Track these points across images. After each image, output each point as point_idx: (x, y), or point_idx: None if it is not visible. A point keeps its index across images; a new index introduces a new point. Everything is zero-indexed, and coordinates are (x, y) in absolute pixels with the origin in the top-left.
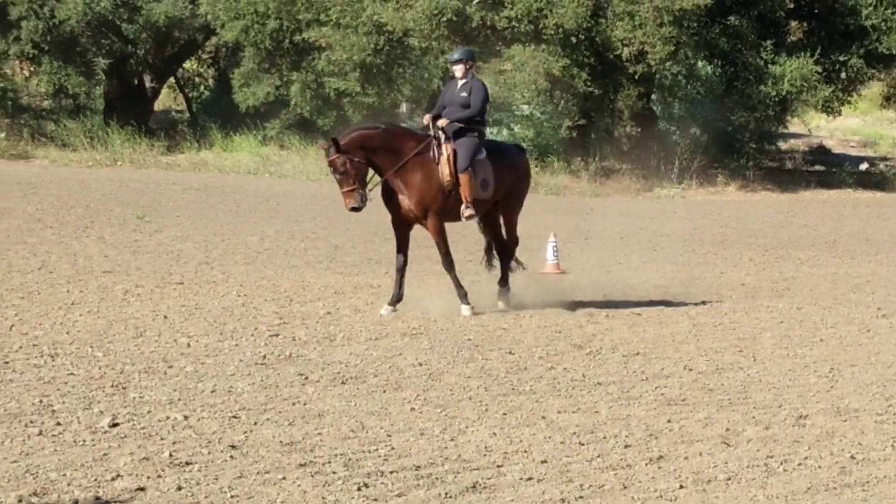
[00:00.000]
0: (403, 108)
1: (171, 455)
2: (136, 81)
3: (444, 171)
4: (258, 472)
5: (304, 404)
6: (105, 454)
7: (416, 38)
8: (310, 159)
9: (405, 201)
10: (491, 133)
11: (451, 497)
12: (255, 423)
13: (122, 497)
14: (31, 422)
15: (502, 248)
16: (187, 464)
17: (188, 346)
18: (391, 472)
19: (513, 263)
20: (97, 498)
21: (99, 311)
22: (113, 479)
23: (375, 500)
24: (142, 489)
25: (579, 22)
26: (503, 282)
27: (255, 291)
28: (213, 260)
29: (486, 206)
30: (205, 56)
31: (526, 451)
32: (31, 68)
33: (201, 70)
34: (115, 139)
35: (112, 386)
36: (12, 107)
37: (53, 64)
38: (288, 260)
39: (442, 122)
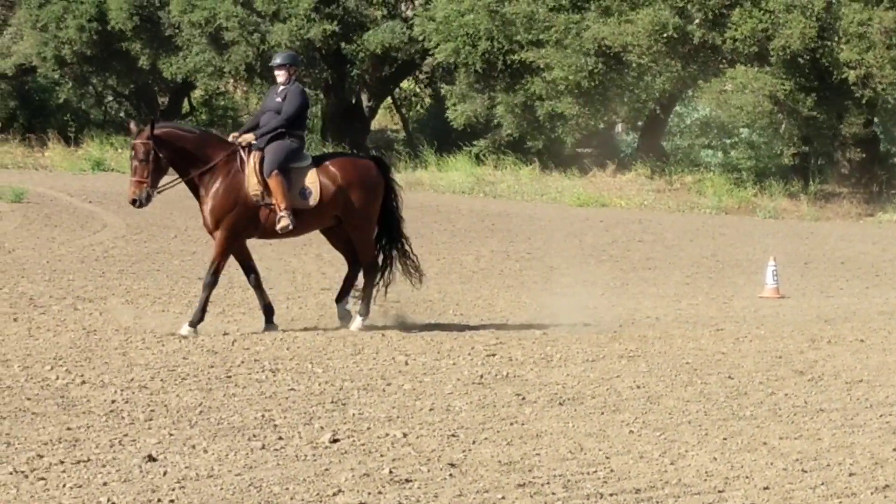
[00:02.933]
0: (619, 128)
1: (390, 472)
2: (353, 100)
3: (252, 180)
4: (477, 491)
5: (522, 424)
6: (326, 469)
7: (634, 55)
8: (524, 180)
9: (203, 211)
10: (706, 157)
11: None
12: (474, 442)
13: None
14: (254, 436)
15: (357, 266)
16: (407, 481)
17: (406, 363)
18: (611, 495)
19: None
20: None
21: (318, 328)
22: (334, 495)
23: None
24: None
25: (806, 43)
26: (365, 297)
27: (470, 311)
28: (428, 279)
29: (314, 219)
30: (421, 76)
31: (748, 477)
32: (245, 87)
33: (418, 90)
34: None
35: (332, 402)
36: (232, 124)
37: (265, 85)
38: (503, 280)
39: (244, 139)
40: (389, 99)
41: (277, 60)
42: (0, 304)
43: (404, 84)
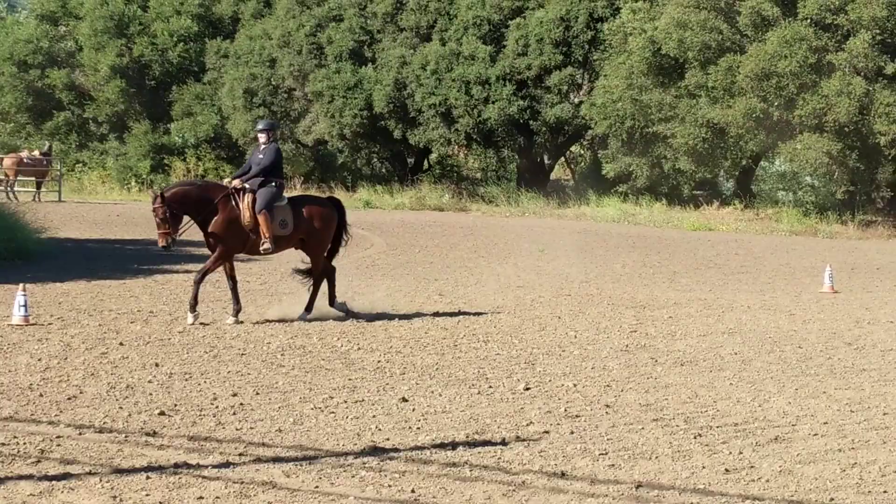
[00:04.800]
0: (721, 176)
1: (565, 410)
2: (538, 159)
3: (246, 214)
4: (624, 424)
5: (655, 378)
6: (521, 408)
7: (733, 128)
8: (655, 212)
9: (208, 236)
10: (782, 196)
11: (760, 445)
12: (622, 391)
13: (534, 437)
14: (473, 385)
15: (321, 278)
16: (576, 416)
17: (575, 337)
18: (717, 427)
19: (345, 308)
20: (517, 437)
21: (515, 313)
22: (527, 425)
23: (706, 444)
24: (546, 432)
25: (851, 118)
26: (330, 302)
27: (619, 301)
28: (590, 280)
29: (289, 242)
30: (584, 142)
31: (812, 416)
32: (465, 151)
33: (582, 151)
34: (524, 198)
35: (525, 362)
36: (457, 177)
37: (480, 149)
38: (641, 280)
39: (235, 183)
40: (563, 158)
41: (260, 126)
42: (303, 296)
43: (573, 147)
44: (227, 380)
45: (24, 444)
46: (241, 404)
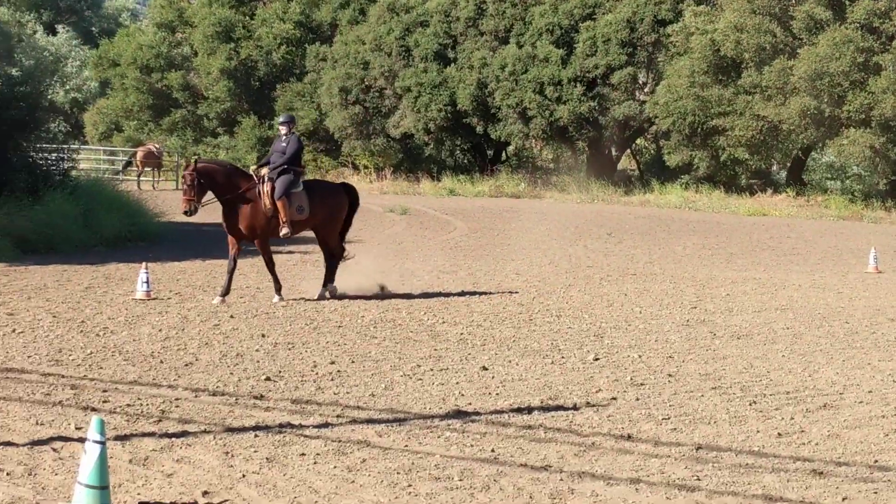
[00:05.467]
0: (774, 167)
1: (631, 379)
2: (606, 151)
3: (266, 201)
4: (685, 391)
5: (713, 350)
6: (591, 377)
7: (786, 124)
8: (714, 199)
9: (239, 222)
10: (831, 184)
11: (809, 411)
12: (683, 361)
13: (603, 403)
14: (546, 355)
15: (331, 255)
16: (641, 384)
17: (640, 312)
18: (770, 395)
19: (347, 253)
20: (587, 403)
21: (585, 291)
22: (596, 392)
23: (760, 411)
24: (614, 399)
25: (894, 112)
26: (328, 279)
27: (680, 280)
28: (654, 260)
29: (305, 225)
30: (648, 136)
31: (858, 385)
32: (540, 145)
33: (646, 144)
34: (593, 186)
35: (594, 335)
36: (532, 167)
37: (554, 142)
38: (701, 261)
39: (263, 172)
40: (629, 150)
41: (281, 119)
42: (393, 276)
43: (638, 140)
44: (325, 349)
45: (147, 405)
46: (339, 371)
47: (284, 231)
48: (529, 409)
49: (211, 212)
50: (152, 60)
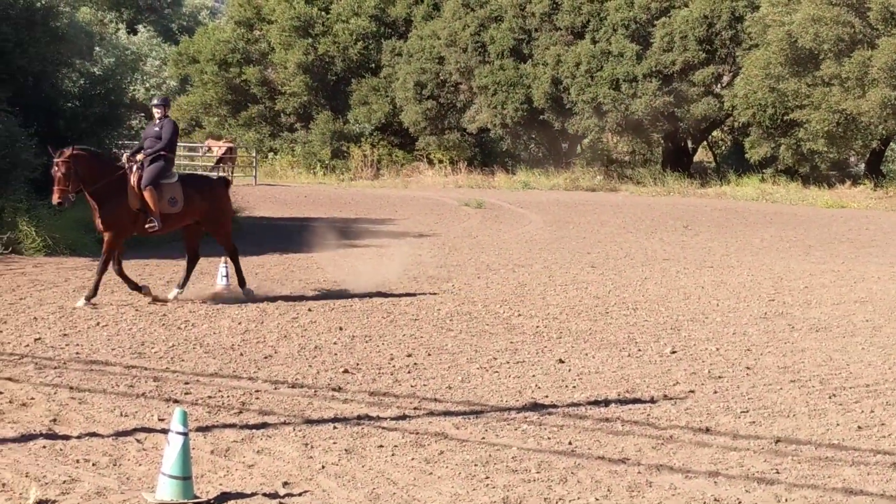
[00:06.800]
0: (852, 159)
1: (708, 371)
2: (682, 144)
3: (131, 193)
4: (764, 384)
5: (791, 343)
6: (668, 369)
7: (865, 117)
8: (791, 191)
9: (97, 216)
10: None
11: (890, 404)
12: (761, 354)
13: (680, 396)
14: (623, 348)
15: (193, 258)
16: (719, 377)
17: (717, 305)
18: (850, 388)
19: (245, 290)
20: (665, 395)
21: (661, 283)
22: (674, 385)
23: (840, 403)
24: (691, 391)
25: None
26: (240, 281)
27: (757, 273)
28: (731, 253)
29: (179, 221)
30: (725, 128)
31: None
32: (615, 139)
33: (723, 136)
34: (669, 179)
35: (671, 328)
36: (607, 160)
37: (629, 135)
38: (778, 253)
39: (139, 157)
40: (705, 142)
41: (155, 101)
42: (468, 269)
43: (714, 133)
44: (402, 342)
45: (228, 396)
46: (415, 364)
47: (153, 224)
48: (606, 402)
49: (287, 207)
50: (230, 56)
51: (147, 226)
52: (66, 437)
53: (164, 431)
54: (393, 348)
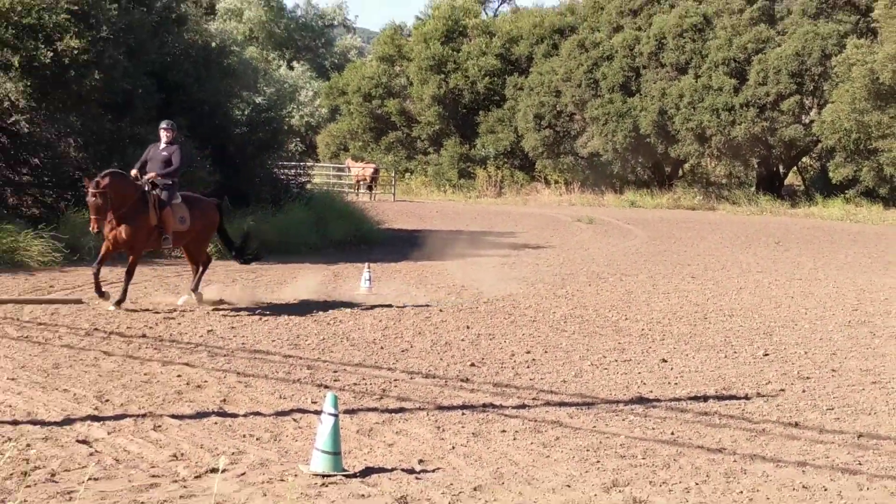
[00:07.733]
0: None
1: (798, 373)
2: (774, 169)
3: (152, 212)
4: (848, 385)
5: (874, 349)
6: (761, 370)
7: None
8: (875, 213)
9: (119, 234)
10: None
11: None
12: (845, 358)
13: (772, 394)
14: (720, 350)
15: (199, 267)
16: (807, 378)
17: (805, 313)
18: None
19: (197, 294)
20: (758, 393)
21: (755, 293)
22: (766, 384)
23: None
24: (782, 390)
25: None
26: (195, 288)
27: (842, 285)
28: (818, 267)
29: (184, 238)
30: (814, 155)
31: None
32: (714, 163)
33: (811, 163)
34: (762, 200)
35: (763, 333)
36: (706, 182)
37: (727, 159)
38: (861, 268)
39: (150, 177)
40: (795, 167)
41: (164, 125)
42: (580, 277)
43: (804, 159)
44: (521, 340)
45: (370, 384)
46: (534, 360)
47: (166, 243)
48: (705, 398)
49: (422, 220)
50: (373, 89)
51: (163, 243)
52: (234, 415)
53: (317, 412)
54: (514, 345)
